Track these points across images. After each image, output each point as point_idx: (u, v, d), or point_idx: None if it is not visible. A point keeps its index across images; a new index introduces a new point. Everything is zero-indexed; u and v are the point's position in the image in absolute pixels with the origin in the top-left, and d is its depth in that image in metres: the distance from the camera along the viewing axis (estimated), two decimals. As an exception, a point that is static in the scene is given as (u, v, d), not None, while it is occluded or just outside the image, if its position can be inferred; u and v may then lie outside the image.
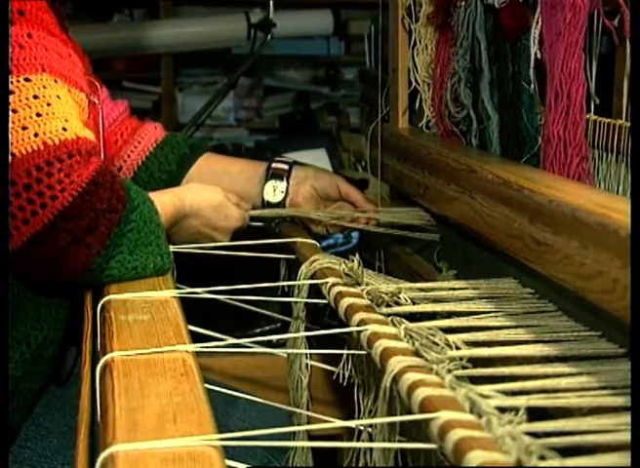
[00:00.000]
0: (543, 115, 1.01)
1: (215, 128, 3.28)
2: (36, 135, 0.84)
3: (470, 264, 1.10)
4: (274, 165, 1.25)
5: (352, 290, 0.88)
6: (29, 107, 0.85)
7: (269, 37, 2.00)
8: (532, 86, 1.03)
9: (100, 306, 0.85)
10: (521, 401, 0.61)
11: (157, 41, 2.57)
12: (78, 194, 0.84)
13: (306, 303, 1.00)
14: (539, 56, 0.99)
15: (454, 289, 0.92)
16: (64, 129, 0.85)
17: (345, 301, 0.84)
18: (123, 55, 3.02)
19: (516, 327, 0.80)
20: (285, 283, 1.03)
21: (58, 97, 0.88)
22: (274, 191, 1.24)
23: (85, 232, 0.85)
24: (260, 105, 3.45)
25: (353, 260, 0.92)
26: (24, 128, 0.84)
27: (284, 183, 1.24)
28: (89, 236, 0.86)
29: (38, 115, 0.85)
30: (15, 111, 0.84)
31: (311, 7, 2.97)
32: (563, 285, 0.78)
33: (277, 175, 1.24)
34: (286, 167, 1.25)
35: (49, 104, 0.86)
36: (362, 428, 0.83)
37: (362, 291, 0.87)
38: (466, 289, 0.92)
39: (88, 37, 2.43)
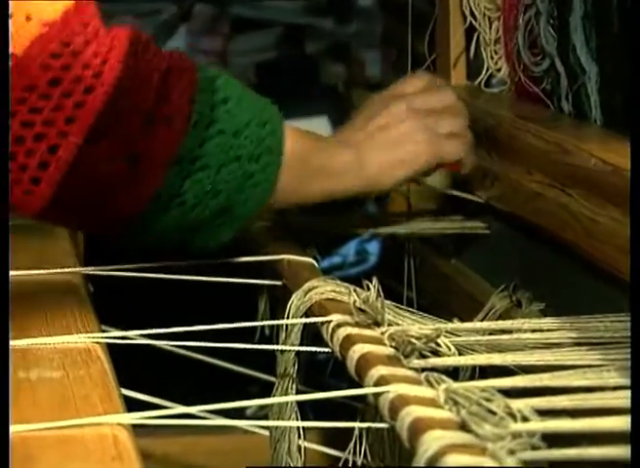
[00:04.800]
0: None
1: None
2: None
3: (562, 294, 1.11)
4: None
5: (368, 332, 0.90)
6: None
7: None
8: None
9: (-11, 357, 0.87)
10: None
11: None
12: (124, 58, 0.90)
13: (298, 353, 1.02)
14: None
15: (535, 330, 0.94)
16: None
17: (358, 349, 0.85)
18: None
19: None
20: (266, 322, 1.05)
21: None
22: None
23: (156, 103, 0.92)
24: (226, 47, 3.48)
25: (370, 288, 0.94)
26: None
27: None
28: (164, 106, 0.92)
29: None
30: None
31: None
32: None
33: None
34: None
35: None
36: None
37: (383, 334, 0.89)
38: (554, 330, 0.94)
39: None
